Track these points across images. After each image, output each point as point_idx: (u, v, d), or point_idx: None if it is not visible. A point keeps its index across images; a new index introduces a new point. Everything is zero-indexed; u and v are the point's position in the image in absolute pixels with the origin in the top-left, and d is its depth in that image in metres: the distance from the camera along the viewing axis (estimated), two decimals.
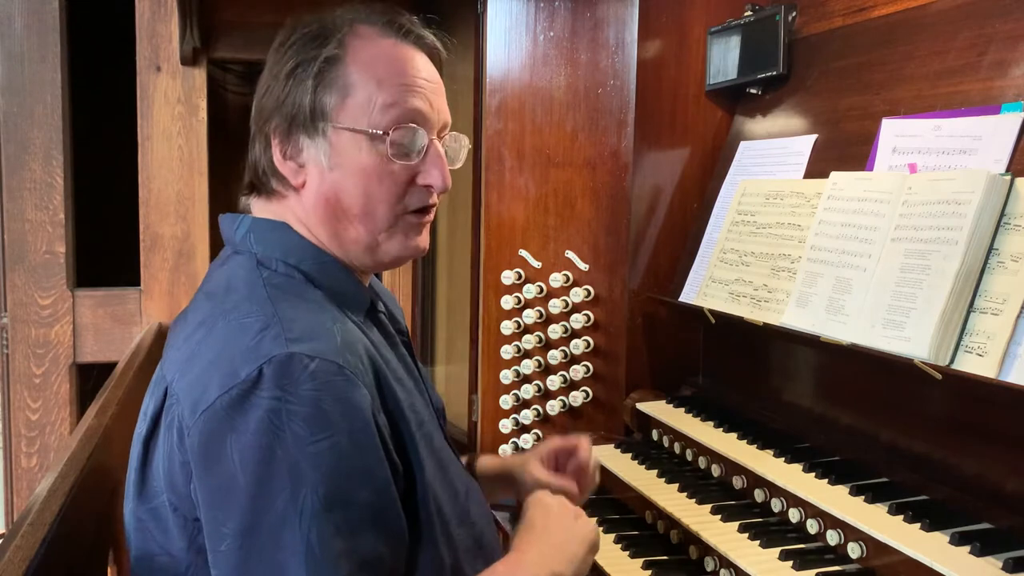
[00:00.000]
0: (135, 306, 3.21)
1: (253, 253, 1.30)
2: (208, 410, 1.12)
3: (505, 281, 2.53)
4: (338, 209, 1.30)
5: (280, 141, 1.30)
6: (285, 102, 1.29)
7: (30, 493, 2.65)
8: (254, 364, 1.11)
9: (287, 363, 1.11)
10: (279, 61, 1.32)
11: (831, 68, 2.24)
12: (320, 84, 1.28)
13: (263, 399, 1.10)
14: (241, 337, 1.16)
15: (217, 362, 1.15)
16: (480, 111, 2.62)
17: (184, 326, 1.28)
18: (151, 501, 1.21)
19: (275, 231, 1.32)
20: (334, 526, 1.10)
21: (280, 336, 1.14)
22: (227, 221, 1.37)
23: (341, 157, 1.28)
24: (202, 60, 3.20)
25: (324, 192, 1.30)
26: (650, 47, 2.53)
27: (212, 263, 1.40)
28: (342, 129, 1.28)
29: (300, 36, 1.32)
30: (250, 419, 1.10)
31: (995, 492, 1.61)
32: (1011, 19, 1.78)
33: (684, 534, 1.92)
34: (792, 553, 1.69)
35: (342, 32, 1.31)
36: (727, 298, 2.24)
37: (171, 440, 1.17)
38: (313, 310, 1.23)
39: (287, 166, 1.31)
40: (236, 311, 1.20)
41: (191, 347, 1.21)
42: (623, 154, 2.49)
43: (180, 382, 1.18)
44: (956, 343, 1.61)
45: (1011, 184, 1.62)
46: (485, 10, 2.55)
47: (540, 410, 2.53)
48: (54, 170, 3.10)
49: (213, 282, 1.32)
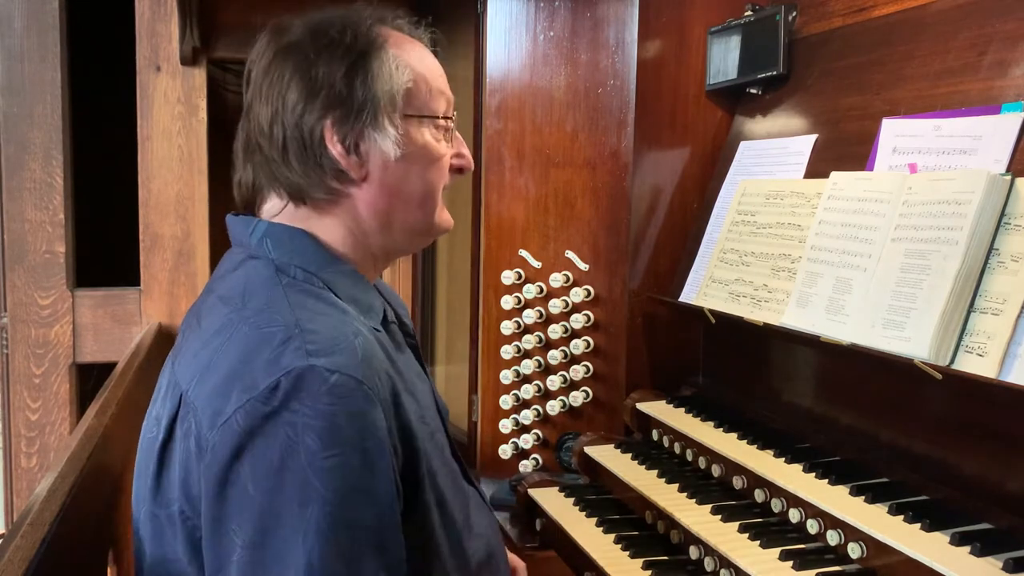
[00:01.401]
0: (135, 306, 3.21)
1: (271, 259, 1.28)
2: (226, 423, 1.11)
3: (505, 281, 2.53)
4: (398, 199, 1.33)
5: (341, 137, 1.27)
6: (345, 98, 1.27)
7: (30, 493, 2.65)
8: (274, 376, 1.10)
9: (307, 376, 1.10)
10: (308, 61, 1.28)
11: (831, 68, 2.24)
12: (378, 76, 1.28)
13: (280, 411, 1.09)
14: (262, 347, 1.14)
15: (236, 373, 1.13)
16: (480, 111, 2.62)
17: (198, 332, 1.26)
18: (168, 507, 1.20)
19: (293, 238, 1.30)
20: (337, 549, 1.09)
21: (301, 348, 1.13)
22: (239, 223, 1.34)
23: (410, 145, 1.31)
24: (202, 60, 3.19)
25: (387, 183, 1.31)
26: (650, 47, 2.53)
27: (221, 265, 1.36)
28: (411, 116, 1.31)
29: (327, 35, 1.29)
30: (267, 431, 1.09)
31: (995, 492, 1.61)
32: (1011, 19, 1.78)
33: (684, 534, 1.92)
34: (792, 553, 1.69)
35: (372, 29, 1.31)
36: (727, 298, 2.24)
37: (188, 449, 1.16)
38: (335, 321, 1.21)
39: (351, 160, 1.29)
40: (256, 319, 1.18)
41: (208, 355, 1.19)
42: (623, 154, 2.49)
43: (197, 391, 1.16)
44: (956, 343, 1.61)
45: (1011, 184, 1.62)
46: (485, 10, 2.55)
47: (540, 410, 2.53)
48: (54, 170, 3.10)
49: (228, 286, 1.28)
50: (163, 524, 1.21)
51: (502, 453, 2.51)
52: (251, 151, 1.33)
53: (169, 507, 1.19)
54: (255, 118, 1.31)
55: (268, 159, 1.30)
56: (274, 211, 1.34)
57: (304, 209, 1.32)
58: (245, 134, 1.35)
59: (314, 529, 1.08)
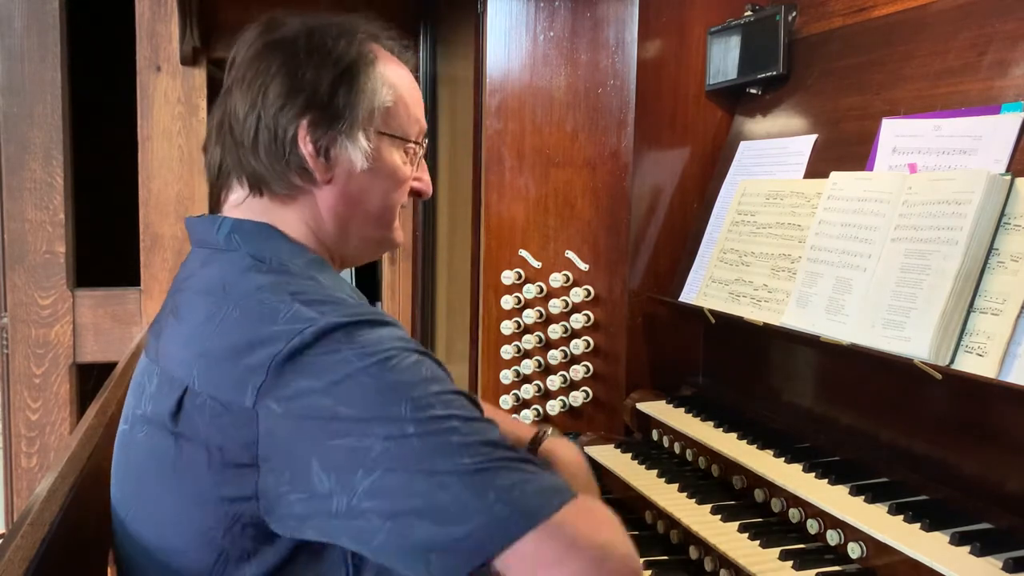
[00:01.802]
0: (135, 306, 3.21)
1: (245, 252, 1.28)
2: (266, 387, 1.10)
3: (505, 281, 2.53)
4: (357, 208, 1.35)
5: (314, 139, 1.30)
6: (326, 103, 1.29)
7: (30, 493, 2.65)
8: (291, 335, 1.11)
9: (323, 328, 1.11)
10: (296, 60, 1.30)
11: (831, 68, 2.24)
12: (363, 90, 1.32)
13: (313, 354, 1.10)
14: (264, 322, 1.14)
15: (247, 345, 1.13)
16: (480, 111, 2.62)
17: (179, 327, 1.25)
18: (184, 496, 1.18)
19: (260, 231, 1.31)
20: (460, 416, 1.10)
21: (309, 308, 1.14)
22: (201, 224, 1.34)
23: (377, 161, 1.35)
24: (202, 60, 3.20)
25: (349, 191, 1.34)
26: (650, 47, 2.53)
27: (184, 268, 1.36)
28: (384, 134, 1.35)
29: (321, 39, 1.31)
30: (312, 369, 1.09)
31: (995, 492, 1.61)
32: (1011, 19, 1.78)
33: (684, 534, 1.92)
34: (792, 553, 1.69)
35: (365, 43, 1.35)
36: (727, 298, 2.24)
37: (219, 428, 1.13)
38: (327, 288, 1.23)
39: (318, 163, 1.31)
40: (246, 302, 1.19)
41: (200, 343, 1.18)
42: (623, 154, 2.49)
43: (202, 378, 1.16)
44: (956, 343, 1.61)
45: (1011, 184, 1.62)
46: (485, 10, 2.55)
47: (540, 410, 2.53)
48: (54, 170, 3.10)
49: (202, 281, 1.28)
50: (175, 512, 1.19)
51: None
52: (222, 133, 1.34)
53: (196, 492, 1.17)
54: (233, 103, 1.33)
55: (237, 143, 1.32)
56: (237, 201, 1.35)
57: (264, 200, 1.34)
58: (219, 115, 1.36)
59: (430, 414, 1.08)
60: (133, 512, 1.27)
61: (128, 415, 1.32)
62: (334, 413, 1.08)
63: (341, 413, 1.08)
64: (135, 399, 1.30)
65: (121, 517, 1.29)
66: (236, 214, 1.34)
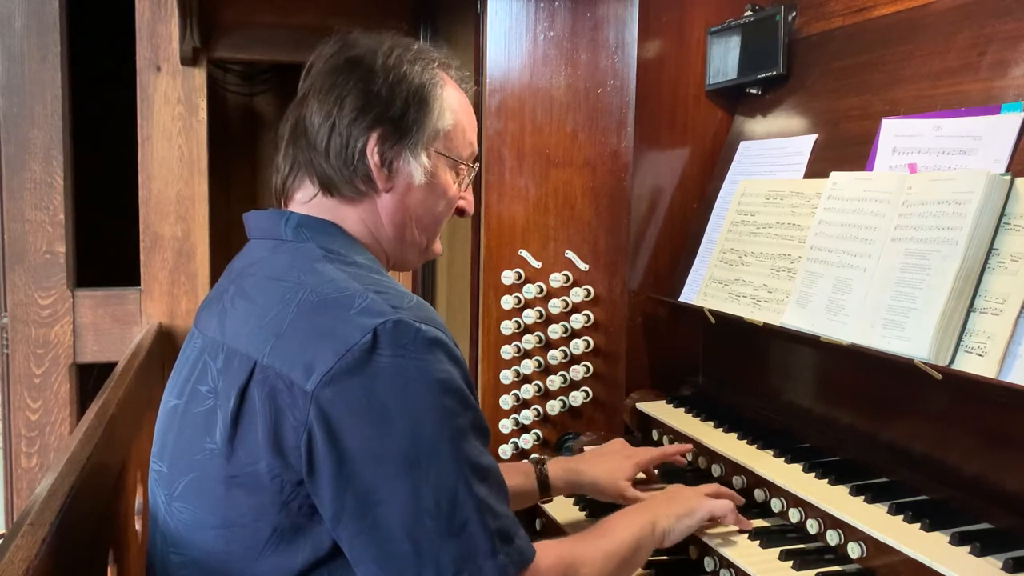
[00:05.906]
0: (135, 306, 3.21)
1: (315, 244, 1.38)
2: (330, 377, 1.18)
3: (505, 281, 2.53)
4: (409, 218, 1.48)
5: (381, 151, 1.41)
6: (396, 120, 1.41)
7: (30, 493, 2.66)
8: (368, 328, 1.20)
9: (401, 325, 1.21)
10: (373, 76, 1.41)
11: (831, 68, 2.24)
12: (431, 111, 1.44)
13: (384, 356, 1.20)
14: (338, 309, 1.24)
15: (321, 332, 1.21)
16: (480, 111, 2.62)
17: (250, 307, 1.32)
18: (250, 466, 1.24)
19: (326, 228, 1.42)
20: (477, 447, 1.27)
21: (384, 303, 1.24)
22: (267, 217, 1.44)
23: (434, 178, 1.47)
24: (202, 60, 3.20)
25: (406, 202, 1.46)
26: (650, 47, 2.53)
27: (247, 255, 1.45)
28: (442, 155, 1.48)
29: (399, 60, 1.43)
30: (377, 373, 1.19)
31: (995, 492, 1.61)
32: (1011, 19, 1.78)
33: None
34: (792, 553, 1.69)
35: (437, 70, 1.48)
36: (727, 298, 2.24)
37: (277, 409, 1.22)
38: (394, 284, 1.34)
39: (382, 172, 1.42)
40: (321, 288, 1.27)
41: (275, 324, 1.26)
42: (623, 154, 2.49)
43: (274, 357, 1.23)
44: (956, 343, 1.61)
45: (1011, 184, 1.62)
46: (485, 10, 2.55)
47: (540, 410, 2.53)
48: (54, 170, 3.10)
49: (273, 267, 1.36)
50: (232, 486, 1.25)
51: (502, 453, 2.51)
52: (297, 135, 1.45)
53: (252, 466, 1.24)
54: (309, 109, 1.44)
55: (311, 146, 1.42)
56: (306, 199, 1.45)
57: (332, 200, 1.44)
58: (295, 119, 1.46)
59: (454, 438, 1.23)
60: (183, 488, 1.31)
61: (183, 390, 1.37)
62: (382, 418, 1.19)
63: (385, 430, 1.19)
64: (198, 376, 1.35)
65: (167, 493, 1.34)
66: (303, 210, 1.45)
